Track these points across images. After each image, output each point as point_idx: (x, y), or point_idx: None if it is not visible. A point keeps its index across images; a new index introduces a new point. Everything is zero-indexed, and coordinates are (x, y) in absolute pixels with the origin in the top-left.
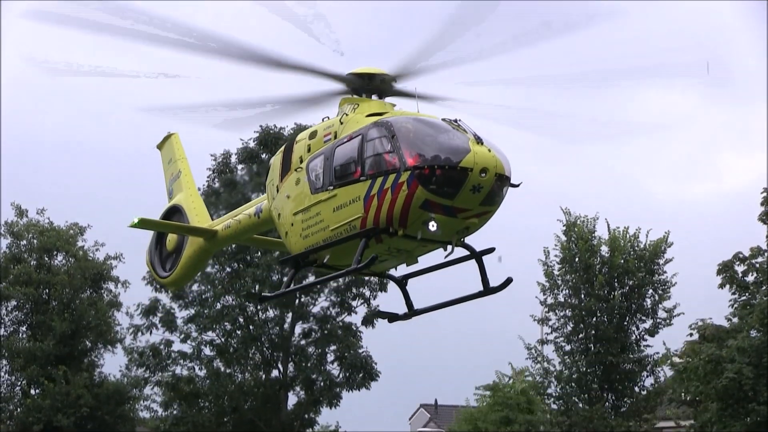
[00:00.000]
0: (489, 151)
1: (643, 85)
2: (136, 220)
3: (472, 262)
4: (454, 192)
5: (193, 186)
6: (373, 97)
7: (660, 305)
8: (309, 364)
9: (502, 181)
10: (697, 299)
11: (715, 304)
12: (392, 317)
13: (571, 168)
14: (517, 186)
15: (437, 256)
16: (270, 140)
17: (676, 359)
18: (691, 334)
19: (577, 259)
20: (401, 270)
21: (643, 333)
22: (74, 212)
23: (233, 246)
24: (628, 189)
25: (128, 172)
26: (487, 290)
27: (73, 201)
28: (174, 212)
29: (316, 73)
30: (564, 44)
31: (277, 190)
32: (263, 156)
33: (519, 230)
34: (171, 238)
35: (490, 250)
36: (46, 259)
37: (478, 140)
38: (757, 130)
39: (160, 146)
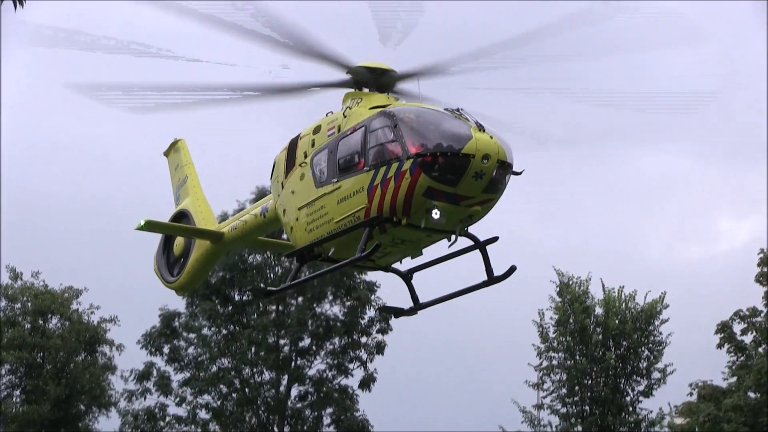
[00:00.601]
0: (491, 137)
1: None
2: (142, 222)
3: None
4: (456, 179)
5: (199, 190)
6: (378, 91)
7: (654, 366)
8: (305, 428)
9: (504, 167)
10: (691, 359)
11: (710, 364)
12: (398, 312)
13: (565, 227)
14: (519, 174)
15: (442, 248)
16: None
17: (677, 420)
18: (690, 394)
19: (571, 320)
20: (406, 264)
21: (638, 395)
22: (69, 275)
23: (229, 307)
24: (623, 249)
25: (125, 234)
26: (492, 279)
27: (68, 263)
28: (181, 217)
29: (326, 58)
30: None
31: (282, 187)
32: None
33: (512, 289)
34: (178, 243)
35: (494, 239)
36: (41, 322)
37: (480, 127)
38: (751, 192)
39: (166, 153)
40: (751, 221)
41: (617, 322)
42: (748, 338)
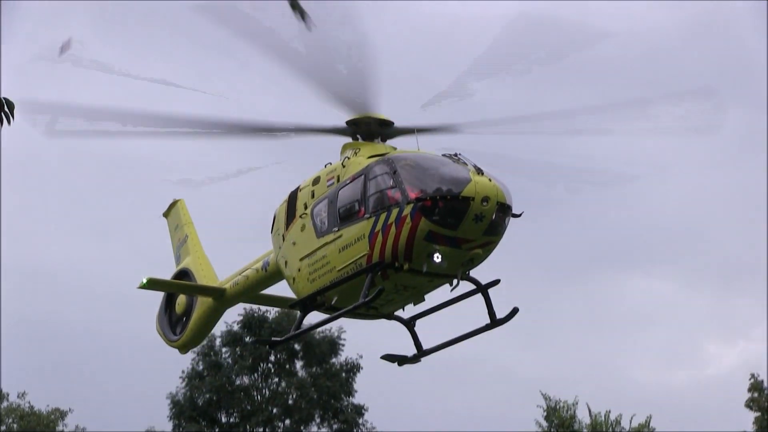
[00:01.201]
0: (489, 180)
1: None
2: (144, 281)
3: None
4: (456, 222)
5: (200, 249)
6: (377, 141)
7: None
8: None
9: (504, 210)
10: None
11: None
12: (401, 360)
13: (551, 353)
14: (519, 216)
15: (444, 293)
16: (254, 323)
17: None
18: None
19: None
20: (408, 311)
21: None
22: (55, 395)
23: (216, 430)
24: (610, 374)
25: (113, 356)
26: (494, 322)
27: (55, 384)
28: (182, 275)
29: (313, 131)
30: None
31: (283, 239)
32: (247, 339)
33: (501, 413)
34: (180, 302)
35: (495, 282)
36: None
37: (479, 171)
38: (739, 316)
39: (166, 214)
40: (739, 346)
41: None
42: None
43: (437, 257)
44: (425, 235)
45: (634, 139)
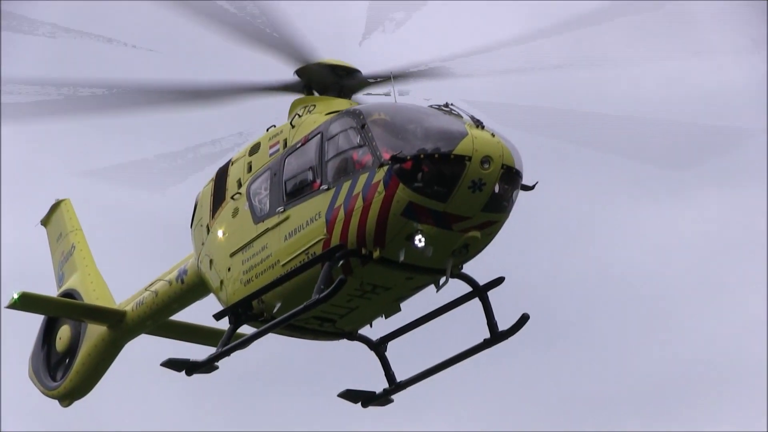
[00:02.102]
0: (492, 136)
1: None
2: (16, 296)
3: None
4: (446, 191)
5: (91, 263)
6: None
7: None
8: None
9: (511, 176)
10: None
11: None
12: (367, 399)
13: None
14: (532, 188)
15: (426, 301)
16: None
17: None
18: None
19: None
20: (378, 328)
21: None
22: None
23: None
24: None
25: None
26: (496, 337)
27: None
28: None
29: (254, 90)
30: None
31: (208, 231)
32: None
33: None
34: (62, 335)
35: (498, 282)
36: None
37: (478, 124)
38: None
39: (45, 221)
40: None
41: None
42: None
43: (419, 240)
44: (403, 208)
45: None
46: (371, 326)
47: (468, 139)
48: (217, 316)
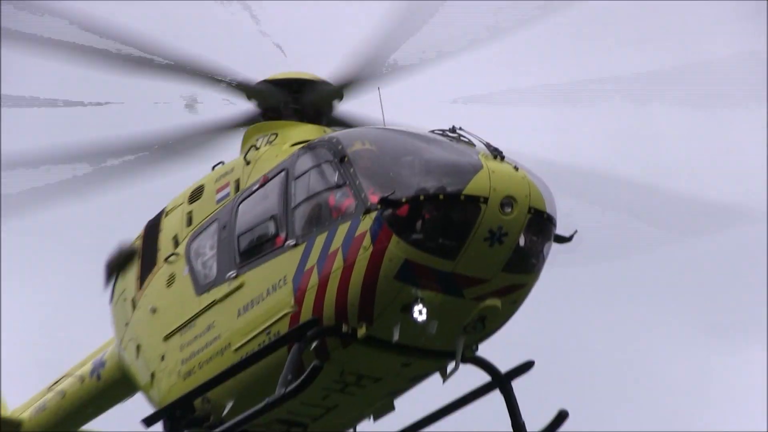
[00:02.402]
0: (516, 169)
1: None
2: None
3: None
4: (456, 244)
5: None
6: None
7: None
8: None
9: (542, 223)
10: None
11: None
12: None
13: None
14: (569, 240)
15: (430, 392)
16: None
17: None
18: None
19: None
20: None
21: None
22: None
23: None
24: None
25: None
26: None
27: None
28: None
29: (210, 78)
30: None
31: (134, 306)
32: None
33: None
34: None
35: (527, 368)
36: None
37: (496, 154)
38: None
39: None
40: None
41: None
42: None
43: (420, 312)
44: (398, 269)
45: None
46: (354, 431)
47: (483, 174)
48: (148, 422)
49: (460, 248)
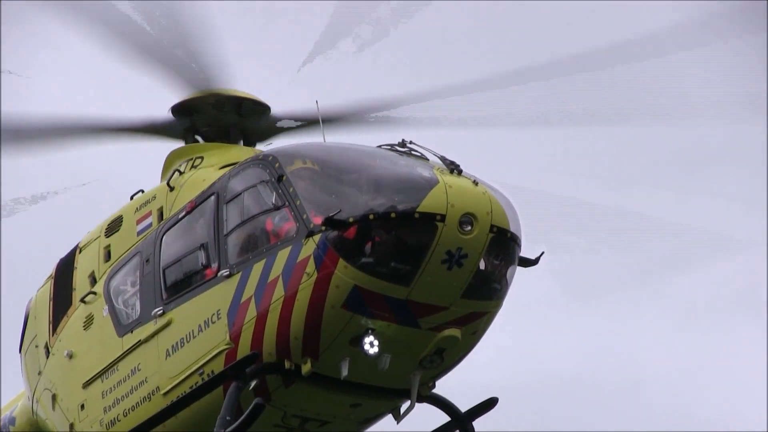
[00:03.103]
0: (475, 184)
1: None
2: None
3: None
4: (410, 268)
5: None
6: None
7: None
8: None
9: (505, 243)
10: None
11: None
12: None
13: None
14: (535, 263)
15: None
16: None
17: None
18: None
19: None
20: None
21: None
22: None
23: None
24: None
25: None
26: None
27: None
28: None
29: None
30: None
31: (48, 353)
32: None
33: None
34: None
35: (490, 405)
36: None
37: (453, 168)
38: None
39: None
40: None
41: None
42: None
43: (371, 345)
44: (346, 297)
45: None
46: None
47: (439, 190)
48: None
49: (415, 272)
